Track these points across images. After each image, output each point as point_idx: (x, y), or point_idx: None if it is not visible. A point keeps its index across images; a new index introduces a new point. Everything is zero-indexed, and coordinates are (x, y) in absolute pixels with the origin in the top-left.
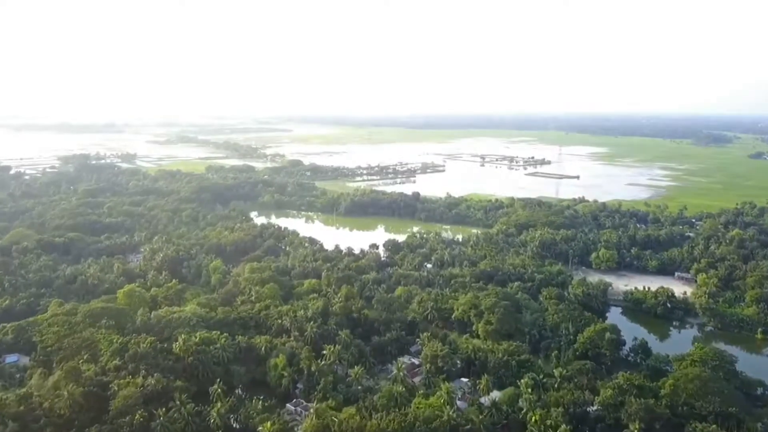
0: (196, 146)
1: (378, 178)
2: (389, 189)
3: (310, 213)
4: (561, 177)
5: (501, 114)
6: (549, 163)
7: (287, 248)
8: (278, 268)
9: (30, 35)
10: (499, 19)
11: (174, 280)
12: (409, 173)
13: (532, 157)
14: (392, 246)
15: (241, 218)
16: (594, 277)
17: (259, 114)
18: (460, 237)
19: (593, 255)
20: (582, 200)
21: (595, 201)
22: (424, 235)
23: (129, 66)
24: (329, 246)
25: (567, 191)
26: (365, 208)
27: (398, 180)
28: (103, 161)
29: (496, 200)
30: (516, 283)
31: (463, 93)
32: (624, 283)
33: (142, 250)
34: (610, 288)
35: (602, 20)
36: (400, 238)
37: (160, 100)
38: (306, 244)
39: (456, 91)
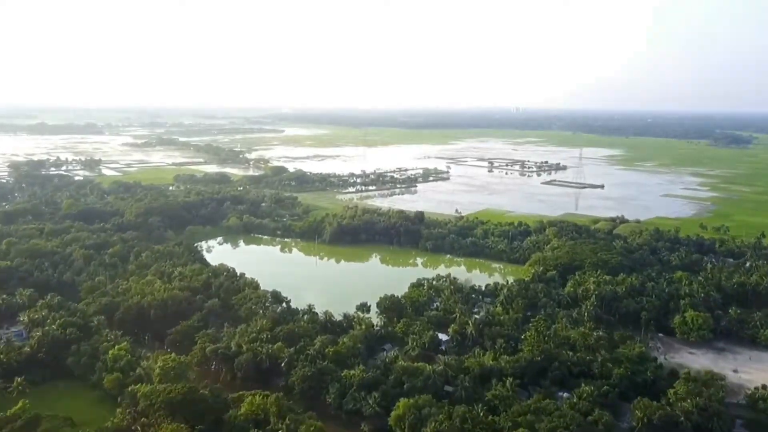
0: (176, 149)
1: (374, 188)
2: (386, 202)
3: (287, 239)
4: (583, 186)
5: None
6: (565, 168)
7: (240, 309)
8: (215, 353)
9: (18, 33)
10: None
11: (23, 402)
12: (410, 182)
13: (546, 162)
14: (389, 306)
15: (189, 255)
16: (683, 355)
17: (253, 113)
18: (481, 282)
19: (676, 319)
20: (622, 220)
21: (638, 222)
22: (434, 282)
23: (123, 62)
24: (301, 301)
25: (596, 205)
26: (356, 234)
27: (397, 190)
28: (60, 169)
29: (520, 223)
30: (585, 389)
31: (459, 88)
32: (731, 367)
33: (20, 318)
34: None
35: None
36: (401, 280)
37: (155, 97)
38: (267, 303)
39: (454, 85)
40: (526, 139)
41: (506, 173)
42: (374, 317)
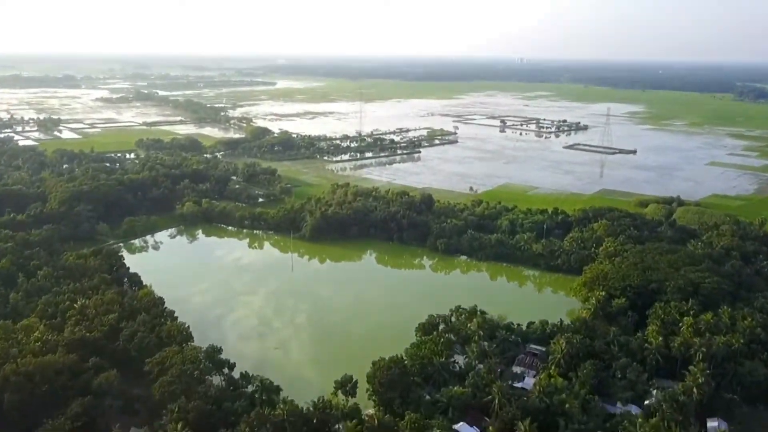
0: (153, 105)
1: (370, 154)
2: (385, 174)
3: (257, 232)
4: (613, 152)
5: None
6: (585, 128)
7: (154, 384)
8: None
9: None
10: None
11: None
12: (412, 146)
13: (564, 121)
14: (387, 380)
15: (107, 269)
16: None
17: (247, 63)
18: (516, 303)
19: None
20: (679, 202)
21: (698, 205)
22: (452, 320)
23: (115, 8)
24: (258, 348)
25: (634, 178)
26: (345, 227)
27: (397, 158)
28: (13, 130)
29: (556, 211)
30: None
31: (458, 35)
32: None
33: None
34: None
35: None
36: (404, 304)
37: (147, 45)
38: (199, 368)
39: (453, 32)
40: (536, 93)
41: (521, 134)
42: (364, 398)
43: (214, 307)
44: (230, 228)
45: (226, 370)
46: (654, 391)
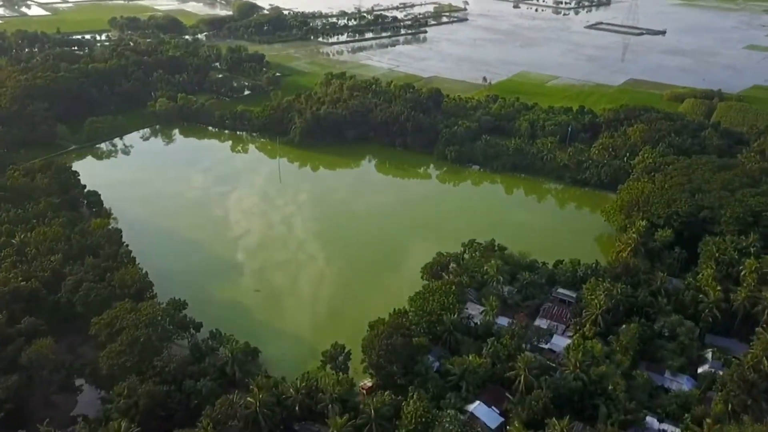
0: None
1: (371, 35)
2: (386, 58)
3: (240, 133)
4: (640, 32)
5: None
6: (608, 3)
7: (99, 355)
8: None
9: None
10: None
11: None
12: (417, 24)
13: None
14: (384, 351)
15: (59, 189)
16: None
17: None
18: (534, 227)
19: None
20: (721, 96)
21: (740, 100)
22: (465, 257)
23: None
24: (231, 302)
25: (665, 64)
26: (339, 129)
27: (400, 39)
28: None
29: (581, 110)
30: None
31: None
32: None
33: None
34: None
35: None
36: (403, 236)
37: None
38: (161, 329)
39: None
40: None
41: (536, 10)
42: (358, 369)
43: (186, 236)
44: (210, 128)
45: (191, 332)
46: (710, 356)
